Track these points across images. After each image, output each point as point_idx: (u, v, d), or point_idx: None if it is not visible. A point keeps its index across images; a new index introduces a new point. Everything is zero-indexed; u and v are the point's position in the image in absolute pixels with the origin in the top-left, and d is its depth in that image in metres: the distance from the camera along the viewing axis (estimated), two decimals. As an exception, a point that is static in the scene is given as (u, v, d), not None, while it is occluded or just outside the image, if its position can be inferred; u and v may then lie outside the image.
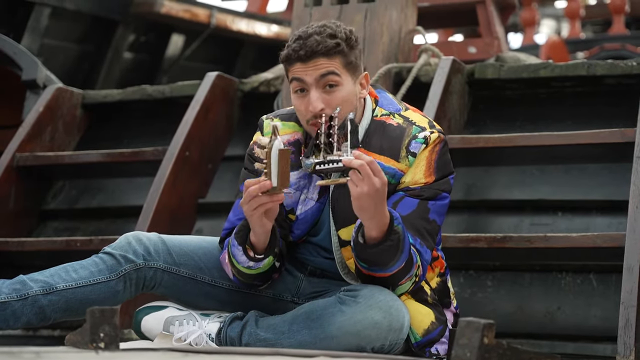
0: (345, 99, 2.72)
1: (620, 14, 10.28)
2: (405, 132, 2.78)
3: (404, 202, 2.75)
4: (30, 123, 4.57)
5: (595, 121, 3.90)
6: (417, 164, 2.76)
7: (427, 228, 2.75)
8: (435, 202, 2.77)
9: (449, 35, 10.90)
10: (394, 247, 2.60)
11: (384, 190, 2.55)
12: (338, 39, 2.71)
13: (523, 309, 3.71)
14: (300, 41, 2.71)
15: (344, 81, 2.72)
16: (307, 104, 2.72)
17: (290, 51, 2.72)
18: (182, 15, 7.76)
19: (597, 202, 3.81)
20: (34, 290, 2.77)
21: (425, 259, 2.75)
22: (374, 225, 2.59)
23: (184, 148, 4.20)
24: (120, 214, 4.56)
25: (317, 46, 2.68)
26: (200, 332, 2.82)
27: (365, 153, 2.65)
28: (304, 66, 2.70)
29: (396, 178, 2.76)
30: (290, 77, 2.75)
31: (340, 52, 2.71)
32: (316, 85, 2.70)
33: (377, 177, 2.53)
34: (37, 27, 6.92)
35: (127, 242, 2.86)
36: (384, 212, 2.57)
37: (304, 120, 2.76)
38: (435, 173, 2.77)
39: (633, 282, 3.16)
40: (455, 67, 4.06)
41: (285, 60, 2.75)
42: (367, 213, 2.57)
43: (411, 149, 2.76)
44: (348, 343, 2.62)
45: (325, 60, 2.70)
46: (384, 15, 4.22)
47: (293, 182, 2.82)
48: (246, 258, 2.73)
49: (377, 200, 2.54)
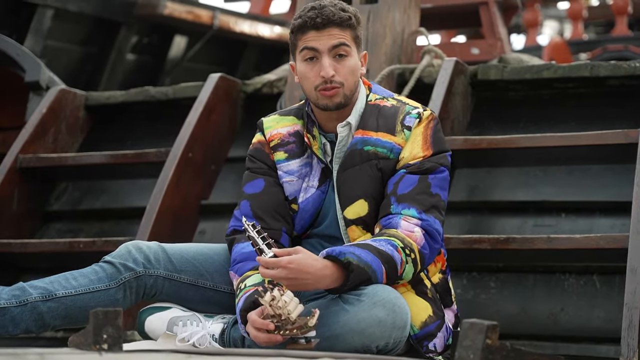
0: (352, 69, 2.84)
1: (623, 15, 10.28)
2: (399, 110, 2.90)
3: (404, 180, 2.82)
4: (34, 125, 4.57)
5: (599, 122, 3.90)
6: (414, 139, 2.85)
7: (432, 201, 2.81)
8: (435, 175, 2.84)
9: (452, 36, 10.90)
10: (359, 271, 2.64)
11: (310, 271, 2.59)
12: (350, 13, 2.84)
13: (526, 310, 3.70)
14: (315, 10, 2.82)
15: (352, 52, 2.84)
16: (317, 70, 2.81)
17: (305, 19, 2.82)
18: (184, 16, 7.76)
19: (600, 204, 3.81)
20: (34, 296, 2.78)
21: (435, 228, 2.79)
22: (326, 285, 2.65)
23: (187, 149, 4.20)
24: (124, 216, 4.57)
25: (333, 16, 2.81)
26: (203, 333, 2.82)
27: (363, 134, 2.84)
28: (318, 34, 2.81)
29: (394, 152, 2.85)
30: (300, 47, 2.84)
31: (351, 26, 2.84)
32: (328, 54, 2.81)
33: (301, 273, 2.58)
34: (40, 29, 6.93)
35: (127, 250, 2.88)
36: (325, 275, 2.62)
37: (312, 87, 2.83)
38: (432, 147, 2.85)
39: (636, 283, 3.15)
40: (458, 69, 4.06)
41: (298, 29, 2.83)
42: (313, 288, 2.64)
43: (406, 122, 2.86)
44: (352, 341, 2.63)
45: (338, 31, 2.82)
46: (386, 17, 4.22)
47: (295, 169, 2.91)
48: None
49: (311, 282, 2.61)
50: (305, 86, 2.86)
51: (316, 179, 2.89)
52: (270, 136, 2.95)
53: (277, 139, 2.94)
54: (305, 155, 2.91)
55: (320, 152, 2.89)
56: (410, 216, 2.77)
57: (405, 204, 2.79)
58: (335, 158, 2.87)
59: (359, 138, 2.86)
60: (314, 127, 2.91)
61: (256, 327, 2.58)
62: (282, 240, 2.87)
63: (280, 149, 2.93)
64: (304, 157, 2.91)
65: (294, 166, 2.91)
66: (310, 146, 2.89)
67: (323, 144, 2.90)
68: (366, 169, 2.84)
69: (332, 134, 2.89)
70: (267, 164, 2.93)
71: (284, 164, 2.92)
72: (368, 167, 2.84)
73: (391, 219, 2.78)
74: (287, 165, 2.91)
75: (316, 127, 2.91)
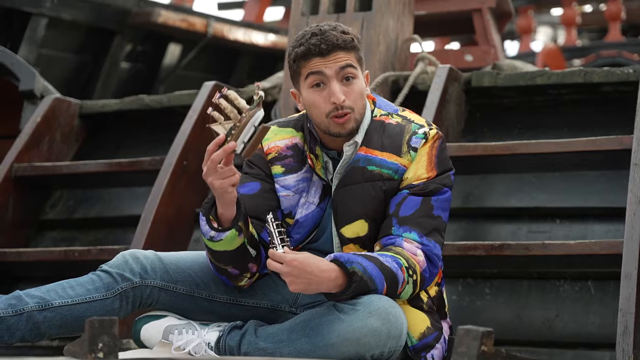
0: (360, 92, 2.81)
1: (617, 21, 10.30)
2: (405, 129, 2.85)
3: (407, 202, 2.79)
4: (28, 133, 4.58)
5: (592, 128, 3.91)
6: (418, 159, 2.82)
7: (433, 224, 2.80)
8: (438, 197, 2.82)
9: (446, 43, 10.91)
10: (362, 283, 2.65)
11: (314, 272, 2.61)
12: (351, 35, 2.81)
13: (521, 316, 3.71)
14: (317, 37, 2.77)
15: (358, 75, 2.82)
16: (326, 97, 2.77)
17: (309, 46, 2.77)
18: (179, 24, 7.75)
19: (594, 210, 3.81)
20: (30, 305, 2.77)
21: (435, 253, 2.79)
22: (327, 289, 2.65)
23: (182, 157, 4.20)
24: (119, 224, 4.56)
25: (337, 40, 2.77)
26: (199, 341, 2.82)
27: (366, 152, 2.80)
28: (323, 60, 2.77)
29: (399, 173, 2.82)
30: (305, 73, 2.79)
31: (355, 47, 2.81)
32: (336, 77, 2.77)
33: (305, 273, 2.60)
34: (34, 38, 6.92)
35: (123, 260, 2.87)
36: (329, 278, 2.63)
37: (323, 115, 2.79)
38: (436, 167, 2.83)
39: (631, 288, 3.16)
40: (452, 75, 4.07)
41: (302, 56, 2.78)
42: (315, 289, 2.65)
43: (412, 144, 2.83)
44: (347, 351, 2.63)
45: (343, 54, 2.78)
46: (380, 24, 4.23)
47: (292, 184, 2.87)
48: (208, 227, 2.75)
49: (313, 282, 2.62)
50: (315, 114, 2.81)
51: (317, 196, 2.87)
52: (268, 149, 2.92)
53: (275, 152, 2.91)
54: (303, 170, 2.88)
55: (322, 172, 2.87)
56: (412, 239, 2.77)
57: (406, 227, 2.78)
58: (336, 174, 2.85)
59: (362, 155, 2.83)
60: (316, 146, 2.88)
61: (209, 156, 2.64)
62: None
63: (278, 162, 2.91)
64: (301, 171, 2.88)
65: (290, 181, 2.89)
66: (313, 167, 2.87)
67: (325, 162, 2.88)
68: (369, 189, 2.81)
69: (335, 151, 2.87)
70: (265, 171, 2.92)
71: (281, 179, 2.90)
72: (371, 187, 2.81)
73: (393, 239, 2.78)
74: (284, 179, 2.89)
75: (318, 146, 2.88)
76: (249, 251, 2.80)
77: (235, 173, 2.69)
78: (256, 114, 2.63)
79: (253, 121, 2.63)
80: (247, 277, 2.86)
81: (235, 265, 2.82)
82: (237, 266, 2.83)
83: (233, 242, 2.76)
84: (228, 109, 2.63)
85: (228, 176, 2.68)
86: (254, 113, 2.63)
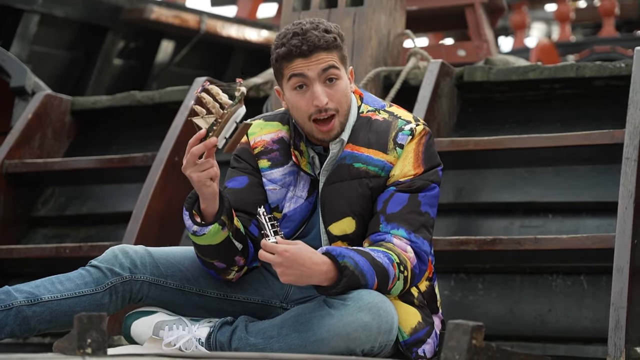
0: (344, 92, 2.78)
1: (611, 17, 10.30)
2: (392, 125, 2.83)
3: (394, 199, 2.78)
4: (19, 130, 4.56)
5: (584, 123, 3.91)
6: (405, 156, 2.80)
7: (421, 220, 2.79)
8: (426, 193, 2.80)
9: (440, 38, 10.91)
10: (353, 278, 2.64)
11: (306, 264, 2.60)
12: (334, 34, 2.76)
13: (514, 311, 3.70)
14: (298, 37, 2.72)
15: (342, 75, 2.78)
16: (309, 99, 2.74)
17: (290, 47, 2.72)
18: (171, 21, 7.75)
19: (587, 204, 3.81)
20: (19, 300, 2.76)
21: (424, 250, 2.78)
22: (318, 282, 2.64)
23: (173, 153, 4.19)
24: (110, 220, 4.55)
25: (319, 41, 2.72)
26: (189, 337, 2.81)
27: (353, 149, 2.78)
28: (305, 61, 2.73)
29: (385, 170, 2.80)
30: (287, 75, 2.76)
31: (337, 47, 2.76)
32: (318, 79, 2.74)
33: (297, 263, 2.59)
34: (26, 34, 6.91)
35: (113, 255, 2.86)
36: (320, 271, 2.62)
37: (306, 117, 2.77)
38: (423, 164, 2.81)
39: (623, 283, 3.16)
40: (444, 70, 4.06)
41: (283, 58, 2.75)
42: (306, 281, 2.64)
43: (398, 140, 2.81)
44: (337, 345, 2.62)
45: (325, 55, 2.74)
46: (372, 19, 4.22)
47: (278, 178, 2.87)
48: (191, 222, 2.75)
49: (305, 274, 2.60)
50: (298, 115, 2.79)
51: (305, 190, 2.85)
52: (254, 143, 2.91)
53: (261, 147, 2.90)
54: (289, 163, 2.87)
55: (308, 167, 2.86)
56: (400, 236, 2.76)
57: (394, 224, 2.77)
58: (323, 171, 2.83)
59: (348, 152, 2.81)
60: (301, 142, 2.85)
61: (190, 149, 2.64)
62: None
63: (264, 157, 2.89)
64: (287, 165, 2.87)
65: (276, 175, 2.87)
66: (298, 164, 2.85)
67: (311, 157, 2.86)
68: (355, 187, 2.80)
69: (321, 146, 2.85)
70: (253, 165, 2.91)
71: (267, 172, 2.89)
72: (358, 184, 2.80)
73: (382, 236, 2.77)
74: (271, 173, 2.88)
75: (303, 142, 2.86)
76: (234, 245, 2.79)
77: (214, 166, 2.67)
78: (238, 110, 2.64)
79: (235, 117, 2.63)
80: (234, 270, 2.85)
81: (221, 259, 2.82)
82: (223, 260, 2.82)
83: (216, 236, 2.75)
84: (210, 103, 2.63)
85: (206, 169, 2.67)
86: (235, 109, 2.63)
